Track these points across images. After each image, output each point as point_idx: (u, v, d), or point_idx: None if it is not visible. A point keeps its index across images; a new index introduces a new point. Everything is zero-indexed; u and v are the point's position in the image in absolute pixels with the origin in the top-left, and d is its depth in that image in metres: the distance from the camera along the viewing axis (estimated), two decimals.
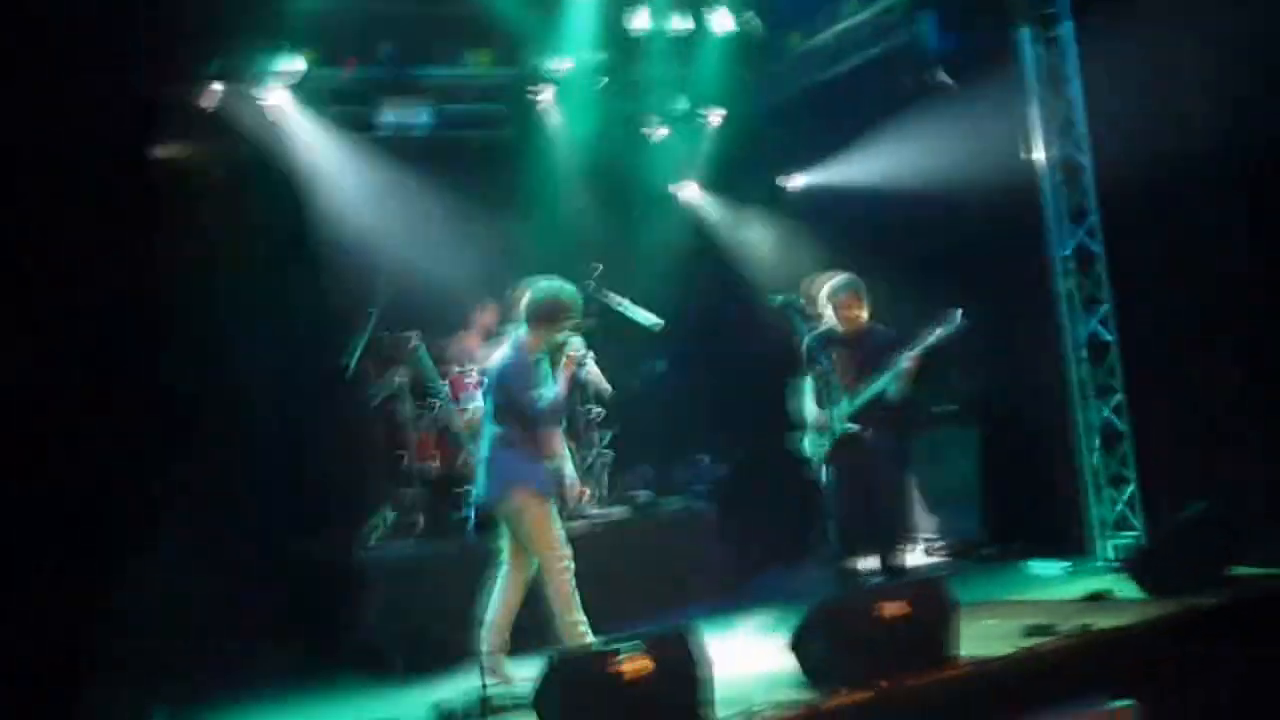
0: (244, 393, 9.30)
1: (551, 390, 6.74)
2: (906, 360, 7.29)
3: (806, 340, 7.65)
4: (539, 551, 6.66)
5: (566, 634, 6.54)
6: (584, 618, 6.62)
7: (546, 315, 6.75)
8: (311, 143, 9.41)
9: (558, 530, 6.70)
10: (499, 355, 6.88)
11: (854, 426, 7.43)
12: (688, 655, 5.50)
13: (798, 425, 7.69)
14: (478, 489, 6.89)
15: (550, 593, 6.63)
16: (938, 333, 7.28)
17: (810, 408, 7.65)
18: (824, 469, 7.57)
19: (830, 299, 7.65)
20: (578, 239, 10.02)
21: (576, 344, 6.88)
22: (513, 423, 6.70)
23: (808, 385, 7.67)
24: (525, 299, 6.80)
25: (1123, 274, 8.15)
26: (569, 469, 7.44)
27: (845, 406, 7.48)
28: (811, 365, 7.63)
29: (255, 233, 9.34)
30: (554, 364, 6.90)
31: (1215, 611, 6.49)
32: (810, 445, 7.64)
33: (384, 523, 8.76)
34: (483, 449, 6.86)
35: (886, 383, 7.38)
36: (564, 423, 7.41)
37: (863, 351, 7.54)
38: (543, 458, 6.83)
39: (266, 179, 9.29)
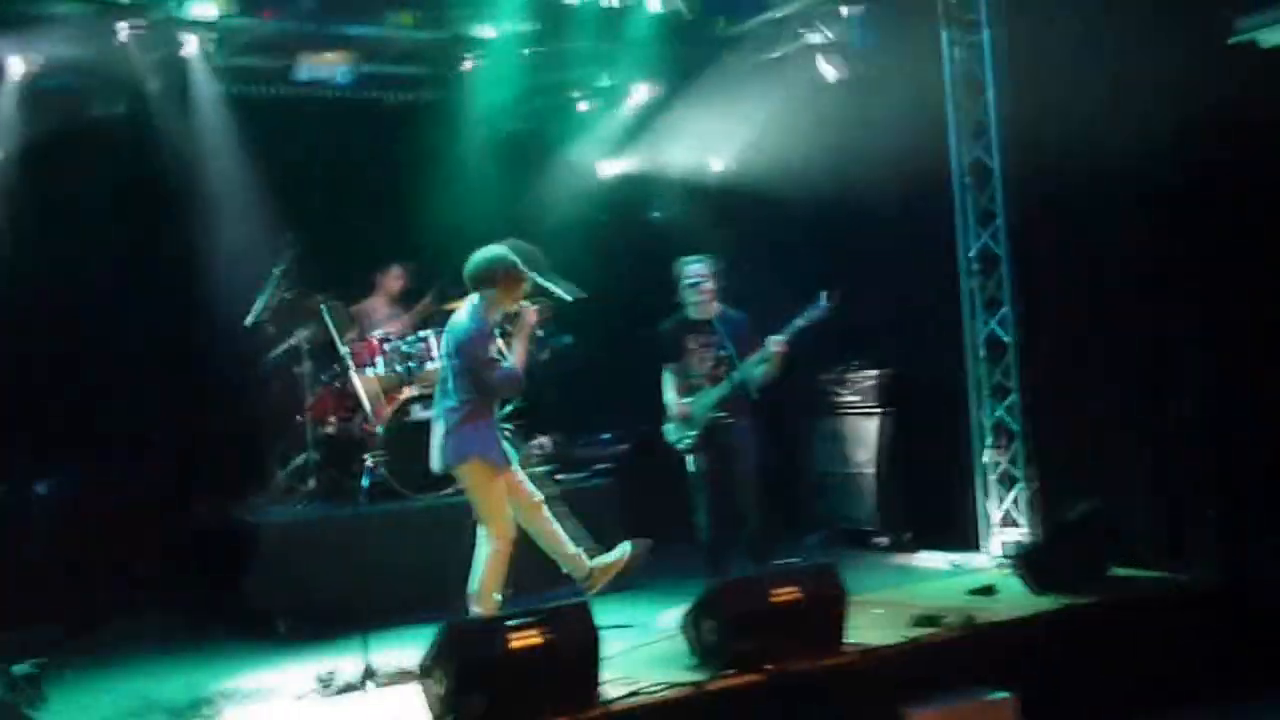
0: (139, 345, 9.22)
1: (509, 360, 6.72)
2: (775, 344, 7.35)
3: (661, 328, 7.72)
4: (482, 521, 6.63)
5: (480, 604, 6.50)
6: (499, 599, 6.56)
7: (501, 281, 6.67)
8: (217, 94, 9.16)
9: (504, 505, 6.65)
10: (459, 322, 6.70)
11: (719, 414, 7.48)
12: (580, 631, 5.53)
13: (668, 414, 7.74)
14: (435, 458, 6.77)
15: (479, 559, 6.59)
16: (806, 315, 7.35)
17: (671, 396, 7.66)
18: (691, 458, 7.61)
19: (682, 282, 7.68)
20: (492, 208, 9.96)
21: (530, 311, 6.83)
22: (470, 392, 6.61)
23: (668, 374, 7.69)
24: (476, 266, 6.69)
25: (1025, 277, 8.29)
26: None
27: (709, 394, 7.52)
28: (669, 353, 7.68)
29: (151, 184, 9.28)
30: (505, 334, 6.88)
31: (1095, 610, 6.67)
32: (674, 434, 7.67)
33: (277, 483, 8.65)
34: (438, 417, 6.74)
35: (753, 367, 7.43)
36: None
37: (718, 336, 7.56)
38: (498, 428, 6.79)
39: (166, 128, 9.09)
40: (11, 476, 8.29)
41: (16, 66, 8.26)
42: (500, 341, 6.95)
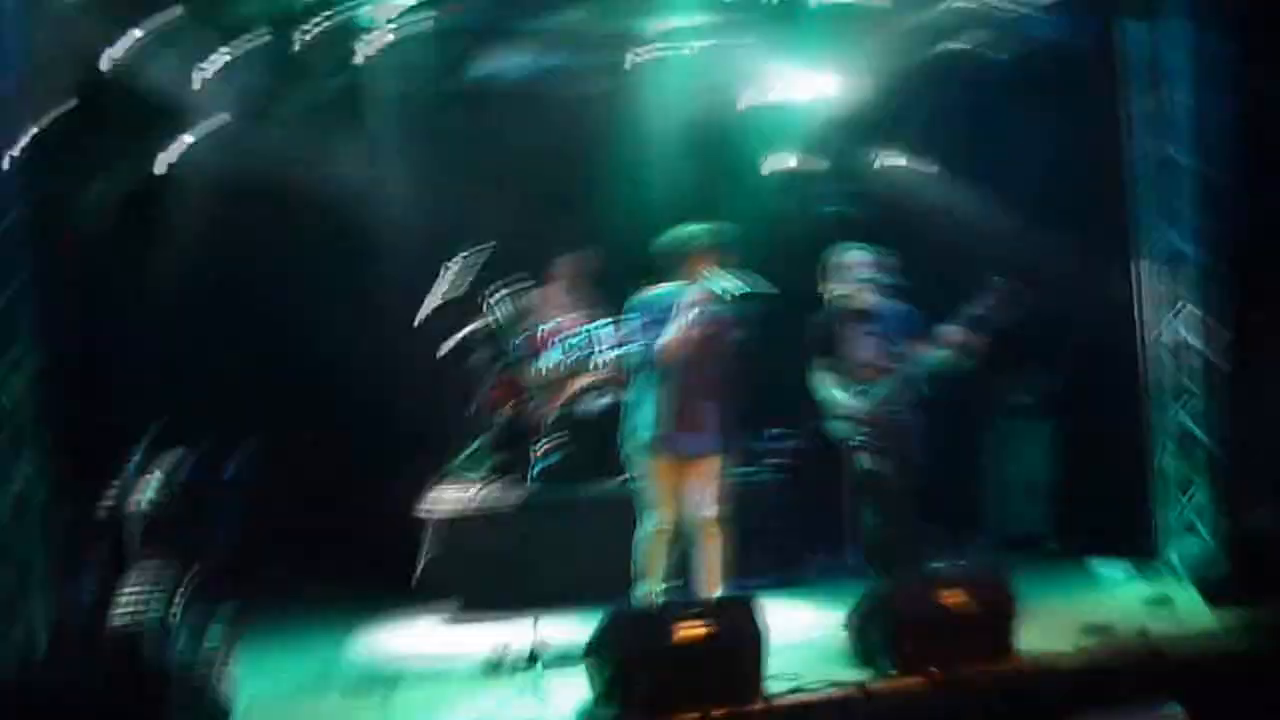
0: (329, 335, 9.52)
1: None
2: (953, 333, 7.15)
3: (816, 318, 7.55)
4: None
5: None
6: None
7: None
8: (397, 90, 9.26)
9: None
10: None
11: (891, 410, 7.35)
12: (745, 624, 5.57)
13: (829, 409, 7.60)
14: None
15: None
16: (981, 304, 7.13)
17: (833, 391, 7.46)
18: (860, 455, 7.45)
19: (841, 271, 7.54)
20: (667, 200, 9.99)
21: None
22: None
23: (822, 366, 7.51)
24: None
25: (1215, 278, 8.03)
26: None
27: (880, 387, 7.37)
28: (825, 344, 7.51)
29: (335, 179, 9.41)
30: None
31: (1277, 627, 6.44)
32: (843, 430, 7.49)
33: (453, 469, 8.84)
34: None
35: (928, 360, 7.25)
36: None
37: (882, 327, 7.43)
38: None
39: (357, 118, 9.30)
40: (202, 458, 8.64)
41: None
42: None
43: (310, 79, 8.89)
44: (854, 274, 7.50)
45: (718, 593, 6.63)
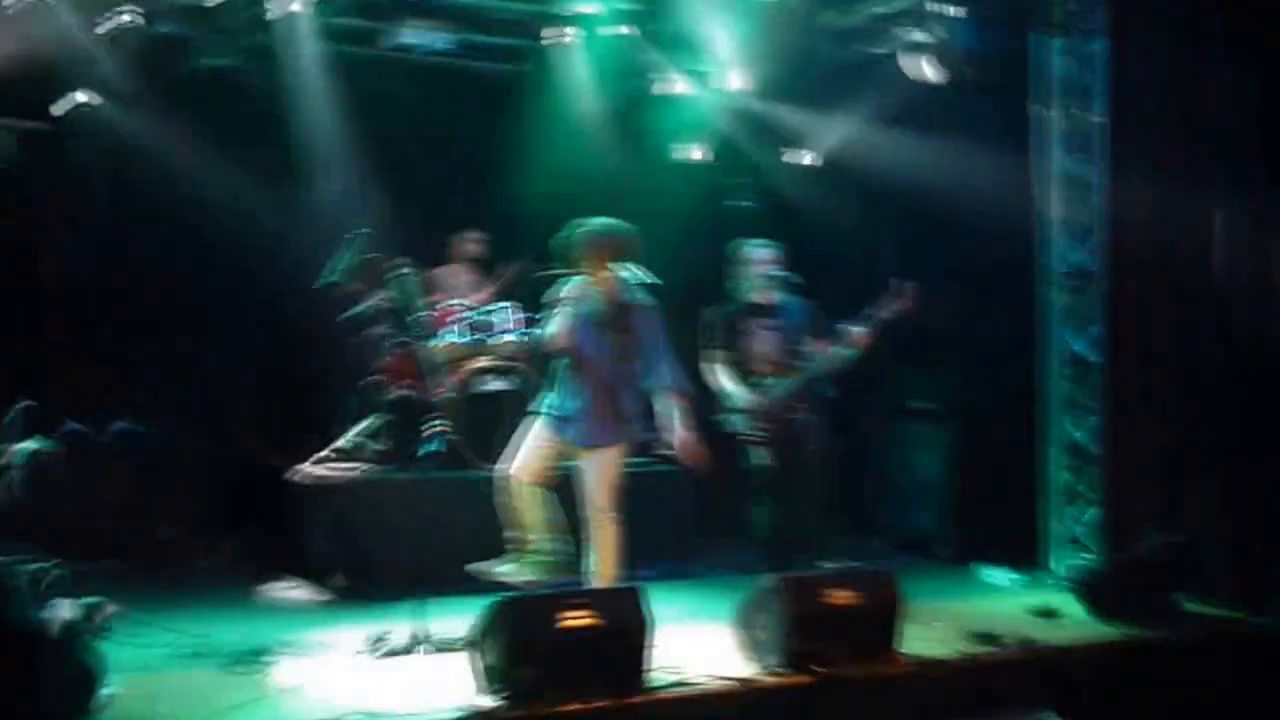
0: (224, 295, 9.39)
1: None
2: (857, 335, 7.18)
3: (716, 312, 7.56)
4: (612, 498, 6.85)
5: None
6: None
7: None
8: (318, 52, 9.14)
9: None
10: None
11: (791, 407, 7.34)
12: (632, 615, 5.51)
13: (724, 403, 7.60)
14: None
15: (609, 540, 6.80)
16: (886, 308, 7.17)
17: (731, 386, 7.49)
18: (756, 450, 7.49)
19: (745, 266, 7.54)
20: (575, 184, 9.95)
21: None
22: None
23: (720, 361, 7.53)
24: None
25: (1119, 296, 8.10)
26: None
27: (782, 384, 7.36)
28: (725, 339, 7.52)
29: (247, 137, 9.32)
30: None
31: (1159, 644, 6.52)
32: (742, 425, 7.50)
33: (346, 441, 8.70)
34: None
35: (830, 359, 7.27)
36: None
37: (784, 323, 7.43)
38: None
39: (267, 84, 9.16)
40: (90, 414, 8.45)
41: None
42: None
43: (219, 40, 8.75)
44: (758, 269, 7.49)
45: (607, 583, 6.57)
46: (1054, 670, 6.16)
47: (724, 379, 7.54)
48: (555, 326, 6.75)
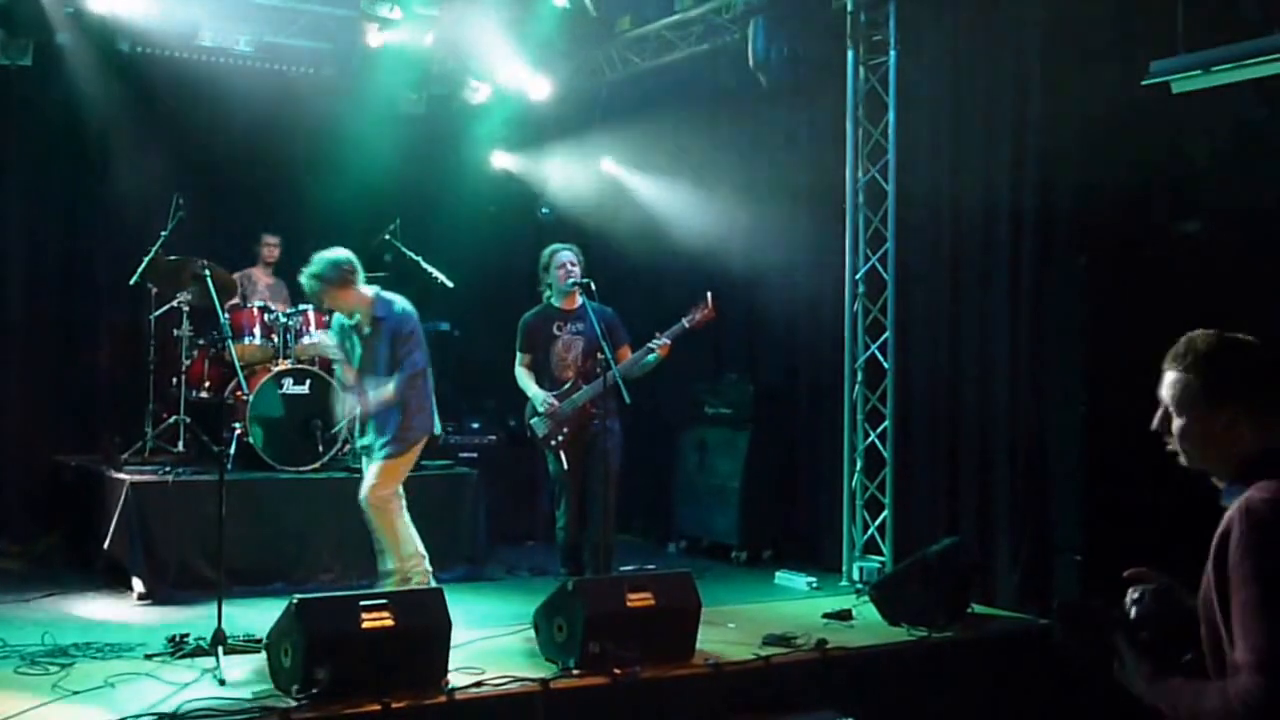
0: (25, 292, 9.43)
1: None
2: (659, 344, 7.27)
3: (524, 316, 7.63)
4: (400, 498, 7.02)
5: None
6: None
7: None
8: (121, 52, 9.20)
9: None
10: (404, 307, 6.94)
11: (590, 412, 7.35)
12: (431, 616, 5.48)
13: (529, 406, 7.63)
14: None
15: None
16: (689, 317, 7.28)
17: (535, 389, 7.53)
18: (555, 454, 7.52)
19: (552, 271, 7.57)
20: (381, 189, 9.91)
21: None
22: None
23: (525, 364, 7.60)
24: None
25: (907, 303, 8.32)
26: None
27: (583, 391, 7.38)
28: (531, 342, 7.58)
29: (49, 136, 9.42)
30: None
31: (946, 645, 6.70)
32: (541, 428, 7.54)
33: (146, 441, 8.47)
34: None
35: (631, 366, 7.32)
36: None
37: (588, 328, 7.46)
38: None
39: (69, 83, 9.18)
40: None
41: None
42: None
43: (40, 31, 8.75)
44: (564, 275, 7.50)
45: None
46: (846, 672, 6.29)
47: (526, 382, 7.55)
48: (340, 371, 7.12)
